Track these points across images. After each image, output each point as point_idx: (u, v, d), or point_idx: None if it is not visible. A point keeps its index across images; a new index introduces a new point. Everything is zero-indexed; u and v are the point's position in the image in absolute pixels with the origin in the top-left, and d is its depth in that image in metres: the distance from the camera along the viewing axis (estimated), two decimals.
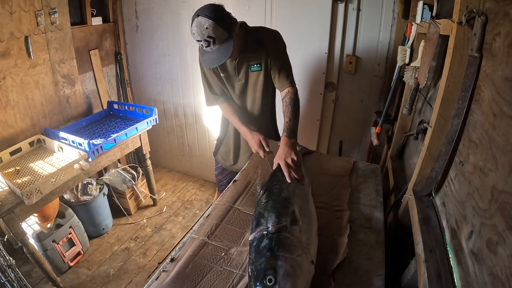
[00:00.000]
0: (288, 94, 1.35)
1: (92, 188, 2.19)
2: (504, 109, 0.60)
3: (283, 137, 1.20)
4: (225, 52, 1.19)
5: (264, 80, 1.44)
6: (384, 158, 1.90)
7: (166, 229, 2.44)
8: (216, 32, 1.15)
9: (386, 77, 1.91)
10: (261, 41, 1.37)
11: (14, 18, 1.77)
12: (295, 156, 1.10)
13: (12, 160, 1.81)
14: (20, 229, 1.55)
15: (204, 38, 1.16)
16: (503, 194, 0.56)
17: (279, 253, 0.72)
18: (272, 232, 0.78)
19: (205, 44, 1.18)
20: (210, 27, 1.14)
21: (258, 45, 1.36)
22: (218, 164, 1.85)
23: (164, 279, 0.79)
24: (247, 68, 1.41)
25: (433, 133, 0.93)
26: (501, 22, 0.65)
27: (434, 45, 1.01)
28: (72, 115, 2.29)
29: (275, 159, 1.12)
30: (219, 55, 1.20)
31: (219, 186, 1.92)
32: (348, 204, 1.06)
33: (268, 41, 1.37)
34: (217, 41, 1.17)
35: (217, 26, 1.15)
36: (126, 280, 1.99)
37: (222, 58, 1.20)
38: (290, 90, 1.36)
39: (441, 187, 0.89)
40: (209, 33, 1.14)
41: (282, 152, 1.11)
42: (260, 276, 0.69)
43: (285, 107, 1.32)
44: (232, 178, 1.75)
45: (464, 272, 0.65)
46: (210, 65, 1.25)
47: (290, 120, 1.26)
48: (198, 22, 1.15)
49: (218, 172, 1.87)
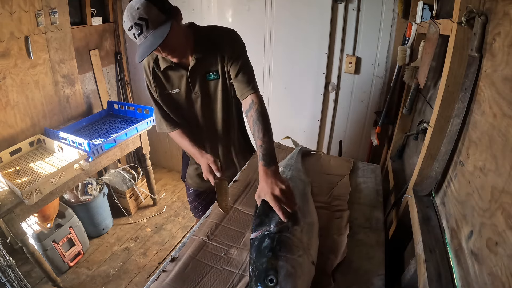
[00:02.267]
0: (253, 105, 1.08)
1: (92, 188, 2.19)
2: (504, 109, 0.60)
3: (261, 167, 0.94)
4: (160, 35, 0.94)
5: (223, 89, 1.21)
6: (384, 158, 1.90)
7: (166, 229, 2.44)
8: (150, 13, 0.93)
9: (386, 77, 1.91)
10: (215, 43, 1.14)
11: (14, 18, 1.77)
12: (282, 185, 0.87)
13: (12, 160, 1.81)
14: (20, 229, 1.55)
15: (134, 21, 0.93)
16: (503, 194, 0.56)
17: (281, 253, 0.72)
18: (273, 232, 0.78)
19: (137, 31, 0.94)
20: (142, 6, 0.92)
21: (211, 48, 1.14)
22: (190, 190, 1.56)
23: (164, 279, 0.79)
24: (203, 76, 1.18)
25: (433, 133, 0.93)
26: (501, 22, 0.65)
27: (434, 45, 1.01)
28: (72, 115, 2.30)
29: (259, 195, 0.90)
30: (152, 40, 0.94)
31: (195, 213, 1.64)
32: (348, 204, 1.06)
33: (224, 42, 1.14)
34: (150, 24, 0.93)
35: (151, 6, 0.93)
36: (126, 280, 1.99)
37: (156, 42, 0.94)
38: (254, 99, 1.09)
39: (441, 187, 0.89)
40: (141, 13, 0.92)
41: (265, 185, 0.89)
42: (262, 276, 0.69)
43: (253, 124, 1.06)
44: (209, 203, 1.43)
45: (464, 272, 0.65)
46: (141, 56, 0.96)
47: (264, 143, 0.99)
48: (130, 5, 0.94)
49: (192, 198, 1.58)
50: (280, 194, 0.85)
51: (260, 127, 1.03)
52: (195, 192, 1.55)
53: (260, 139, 1.01)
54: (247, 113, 1.11)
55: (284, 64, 2.17)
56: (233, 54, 1.13)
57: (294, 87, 2.21)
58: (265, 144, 0.99)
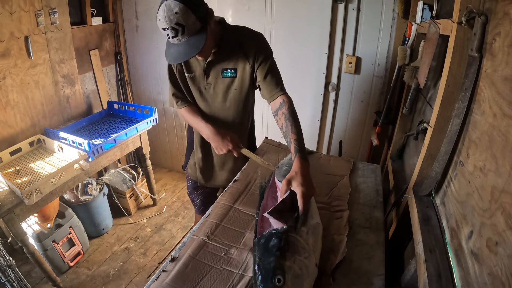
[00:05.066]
0: (284, 104, 1.12)
1: (92, 188, 2.19)
2: (504, 109, 0.60)
3: (298, 159, 0.94)
4: (194, 45, 0.98)
5: (240, 90, 1.23)
6: (384, 158, 1.90)
7: (166, 229, 2.44)
8: (188, 20, 0.95)
9: (386, 77, 1.91)
10: (241, 43, 1.16)
11: (14, 18, 1.77)
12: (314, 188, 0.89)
13: (12, 160, 1.81)
14: (20, 229, 1.55)
15: (171, 25, 0.95)
16: (503, 194, 0.56)
17: (289, 253, 0.72)
18: (281, 231, 0.77)
19: (172, 34, 0.97)
20: (181, 12, 0.93)
21: (236, 47, 1.16)
22: (190, 181, 1.56)
23: (164, 279, 0.79)
24: (218, 72, 1.20)
25: (433, 133, 0.93)
26: (501, 22, 0.65)
27: (434, 45, 1.01)
28: (72, 115, 2.29)
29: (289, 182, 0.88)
30: (187, 48, 0.99)
31: (194, 205, 1.65)
32: (348, 204, 1.06)
33: (251, 44, 1.17)
34: (186, 31, 0.96)
35: (190, 13, 0.95)
36: (126, 280, 1.99)
37: (190, 52, 0.99)
38: (285, 99, 1.14)
39: (441, 187, 0.89)
40: (178, 19, 0.94)
41: (301, 179, 0.87)
42: (269, 276, 0.69)
43: (285, 120, 1.09)
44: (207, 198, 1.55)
45: (464, 272, 0.65)
46: (174, 61, 1.04)
47: (299, 137, 1.04)
48: (167, 5, 0.94)
49: (190, 190, 1.59)
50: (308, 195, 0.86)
51: (293, 123, 1.08)
52: (193, 185, 1.55)
53: (295, 133, 1.06)
54: (278, 111, 1.14)
55: (284, 64, 2.16)
56: (262, 56, 1.16)
57: (294, 87, 2.19)
58: (299, 138, 1.05)
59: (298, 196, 0.84)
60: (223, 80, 1.22)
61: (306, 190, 0.85)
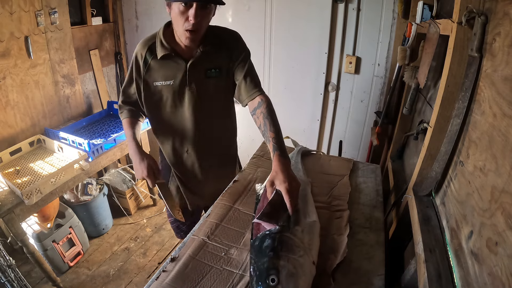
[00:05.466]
0: (263, 103, 1.08)
1: (92, 188, 2.19)
2: (504, 109, 0.60)
3: (277, 157, 0.93)
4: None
5: (224, 91, 1.18)
6: (384, 158, 1.90)
7: (166, 229, 2.44)
8: None
9: (386, 77, 1.91)
10: (224, 41, 1.12)
11: (14, 18, 1.77)
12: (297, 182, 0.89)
13: (12, 160, 1.81)
14: (20, 229, 1.54)
15: None
16: (503, 194, 0.56)
17: (282, 253, 0.72)
18: (274, 232, 0.78)
19: None
20: None
21: (220, 45, 1.11)
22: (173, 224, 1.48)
23: (164, 279, 0.79)
24: (203, 73, 1.13)
25: (433, 133, 0.93)
26: (501, 22, 0.65)
27: (434, 45, 1.01)
28: (72, 115, 2.29)
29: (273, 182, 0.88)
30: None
31: (177, 233, 1.51)
32: (348, 204, 1.06)
33: (233, 42, 1.13)
34: None
35: None
36: (126, 280, 1.99)
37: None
38: (263, 98, 1.10)
39: (441, 187, 0.89)
40: None
41: (282, 176, 0.87)
42: (263, 276, 0.69)
43: (263, 119, 1.06)
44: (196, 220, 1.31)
45: (464, 272, 0.65)
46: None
47: (277, 135, 1.01)
48: None
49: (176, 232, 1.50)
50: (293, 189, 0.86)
51: (271, 121, 1.05)
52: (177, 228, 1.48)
53: (273, 132, 1.02)
54: (256, 110, 1.10)
55: (284, 64, 2.17)
56: (243, 55, 1.13)
57: (294, 87, 2.21)
58: (278, 136, 1.02)
59: (283, 193, 0.84)
60: (208, 81, 1.14)
61: (289, 186, 0.85)
